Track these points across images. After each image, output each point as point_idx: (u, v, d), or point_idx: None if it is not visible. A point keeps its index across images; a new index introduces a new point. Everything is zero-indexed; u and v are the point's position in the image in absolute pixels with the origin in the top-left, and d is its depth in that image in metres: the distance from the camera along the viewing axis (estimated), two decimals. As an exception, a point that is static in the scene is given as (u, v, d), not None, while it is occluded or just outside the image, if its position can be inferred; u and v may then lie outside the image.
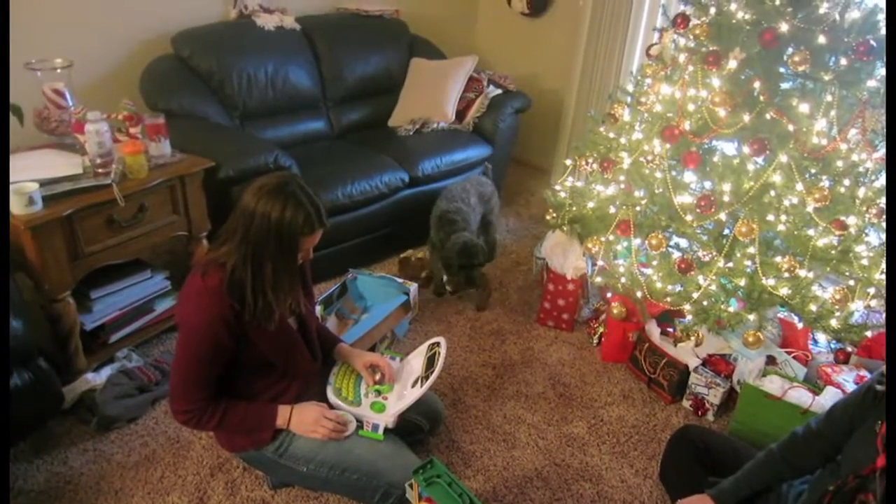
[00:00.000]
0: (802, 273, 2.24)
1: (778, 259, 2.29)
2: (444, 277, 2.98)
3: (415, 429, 2.12)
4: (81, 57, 2.68)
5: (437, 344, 2.02)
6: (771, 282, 2.27)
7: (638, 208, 2.58)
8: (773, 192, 2.28)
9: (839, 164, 2.23)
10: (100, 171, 2.27)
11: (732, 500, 1.74)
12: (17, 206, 2.03)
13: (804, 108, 2.17)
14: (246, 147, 2.84)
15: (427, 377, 1.92)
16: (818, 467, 1.67)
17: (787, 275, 2.24)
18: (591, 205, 2.79)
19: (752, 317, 2.34)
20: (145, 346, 2.62)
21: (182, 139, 2.60)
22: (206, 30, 3.35)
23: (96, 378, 2.30)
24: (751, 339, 2.32)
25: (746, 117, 2.22)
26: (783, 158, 2.19)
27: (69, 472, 2.08)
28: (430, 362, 1.97)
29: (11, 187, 2.05)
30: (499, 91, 3.90)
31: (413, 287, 2.82)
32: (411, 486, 1.80)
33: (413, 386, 1.95)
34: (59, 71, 2.50)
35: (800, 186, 2.19)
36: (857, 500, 1.45)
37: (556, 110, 4.30)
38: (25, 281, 2.20)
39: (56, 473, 2.07)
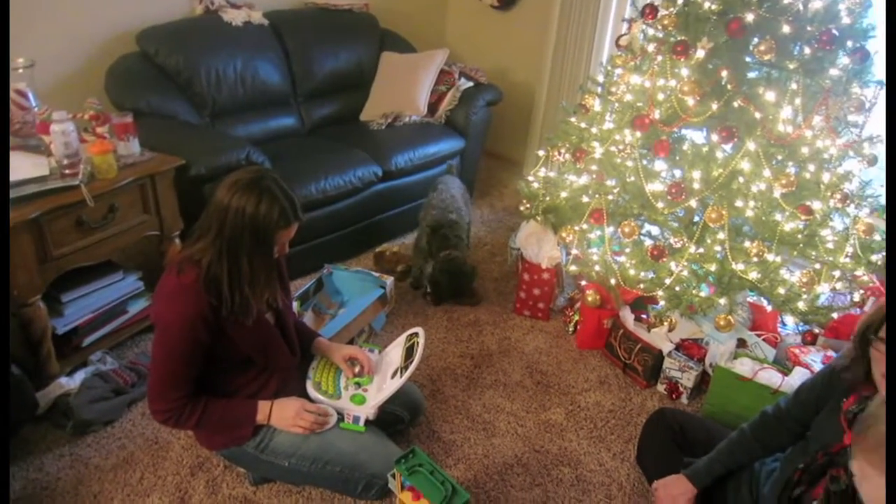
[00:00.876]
0: (770, 257, 2.29)
1: (747, 244, 2.34)
2: (427, 287, 3.03)
3: (395, 420, 2.13)
4: (44, 56, 2.62)
5: (416, 334, 2.03)
6: (740, 266, 2.32)
7: (610, 197, 2.61)
8: (741, 179, 2.33)
9: (804, 150, 2.28)
10: (67, 171, 2.23)
11: (707, 478, 1.79)
12: (-18, 209, 1.99)
13: (770, 96, 2.22)
14: (217, 144, 2.82)
15: (406, 367, 1.93)
16: (788, 445, 1.72)
17: (755, 259, 2.29)
18: (564, 195, 2.82)
19: (722, 301, 2.39)
20: (119, 349, 2.58)
21: (151, 138, 2.57)
22: (172, 26, 3.29)
23: (70, 382, 2.27)
24: (722, 323, 2.37)
25: (714, 106, 2.26)
26: (751, 146, 2.24)
27: (45, 478, 2.05)
28: (409, 353, 1.98)
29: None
30: (470, 84, 3.91)
31: (389, 281, 2.83)
32: (394, 476, 1.82)
33: (392, 377, 1.96)
34: (20, 71, 2.44)
35: (767, 173, 2.24)
36: (829, 475, 1.49)
37: (527, 102, 4.32)
38: (-6, 285, 2.16)
39: (32, 480, 2.04)
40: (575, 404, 2.49)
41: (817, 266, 2.43)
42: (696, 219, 2.51)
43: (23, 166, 2.26)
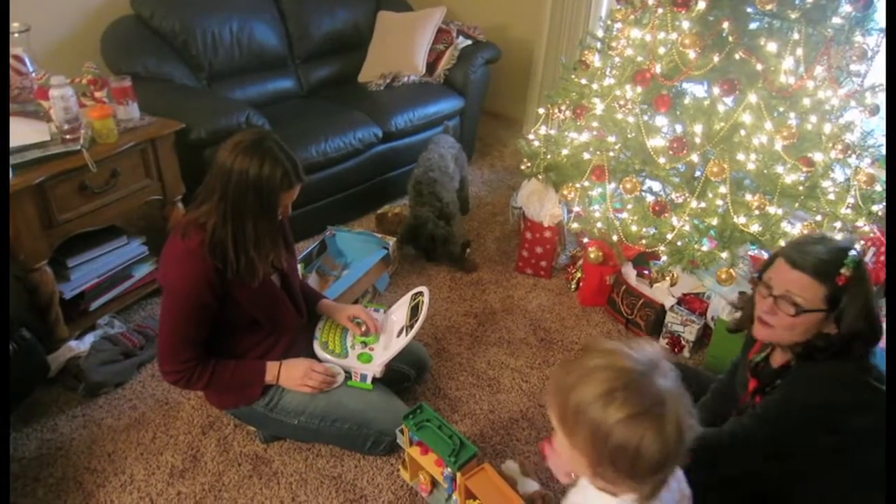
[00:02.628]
0: (772, 210, 2.30)
1: (748, 197, 2.35)
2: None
3: (401, 378, 2.16)
4: (38, 20, 2.59)
5: (420, 293, 2.05)
6: (742, 220, 2.33)
7: (611, 153, 2.61)
8: (742, 132, 2.32)
9: (806, 101, 2.27)
10: (68, 137, 2.22)
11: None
12: (-16, 176, 1.99)
13: (772, 47, 2.20)
14: (216, 107, 2.80)
15: (412, 326, 1.95)
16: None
17: (757, 212, 2.30)
18: (565, 152, 2.81)
19: (724, 255, 2.40)
20: (126, 313, 2.61)
21: (150, 102, 2.56)
22: (167, -12, 3.25)
23: (80, 346, 2.30)
24: (724, 277, 2.39)
25: (716, 58, 2.23)
26: (752, 98, 2.22)
27: (60, 438, 2.10)
28: (414, 311, 2.00)
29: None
30: (468, 42, 3.87)
31: (392, 241, 2.84)
32: (402, 431, 1.86)
33: (398, 335, 1.98)
34: (16, 35, 2.41)
35: (768, 125, 2.23)
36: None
37: (525, 60, 4.27)
38: None
39: (47, 440, 2.09)
40: (578, 360, 2.52)
41: (818, 218, 2.43)
42: (698, 173, 2.51)
43: (23, 132, 2.25)
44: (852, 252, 1.36)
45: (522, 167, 3.05)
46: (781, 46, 2.19)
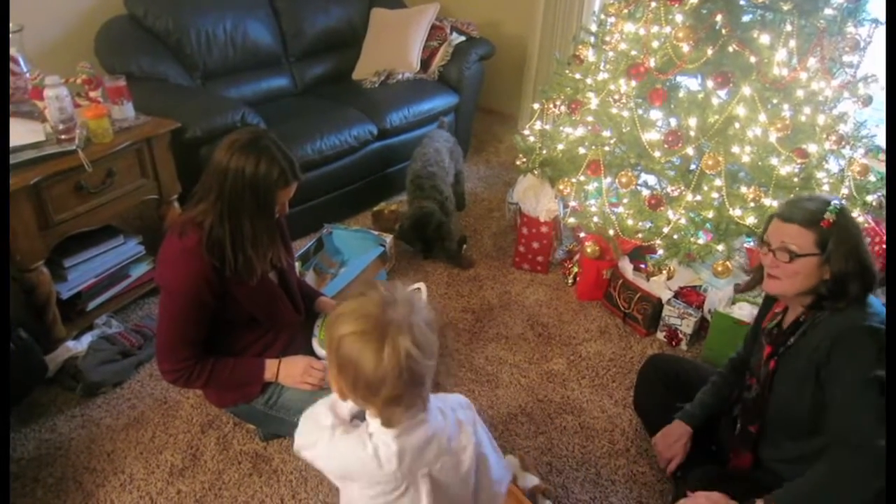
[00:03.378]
0: (767, 202, 2.31)
1: (743, 190, 2.36)
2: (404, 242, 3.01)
3: None
4: (32, 20, 2.58)
5: (418, 289, 2.05)
6: (737, 212, 2.34)
7: (607, 148, 2.61)
8: (737, 125, 2.33)
9: (799, 93, 2.28)
10: (63, 137, 2.22)
11: (700, 418, 1.87)
12: (-21, 177, 1.99)
13: (765, 39, 2.21)
14: (211, 106, 2.80)
15: None
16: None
17: (752, 204, 2.31)
18: (560, 147, 2.82)
19: (720, 247, 2.42)
20: (124, 312, 2.61)
21: (144, 102, 2.56)
22: (159, -14, 3.24)
23: (77, 346, 2.30)
24: (720, 269, 2.40)
25: (710, 51, 2.24)
26: (746, 90, 2.23)
27: (58, 438, 2.10)
28: None
29: (-28, 157, 2.00)
30: (462, 38, 3.87)
31: (389, 239, 2.84)
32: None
33: None
34: (10, 36, 2.41)
35: (763, 117, 2.24)
36: (744, 385, 1.75)
37: (519, 55, 4.28)
38: (-4, 253, 2.17)
39: (45, 440, 2.09)
40: (576, 354, 2.53)
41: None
42: (693, 167, 2.52)
43: (18, 132, 2.24)
44: (835, 201, 1.51)
45: (518, 163, 3.05)
46: (774, 38, 2.20)
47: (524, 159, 3.02)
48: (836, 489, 1.42)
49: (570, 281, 2.93)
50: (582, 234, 2.85)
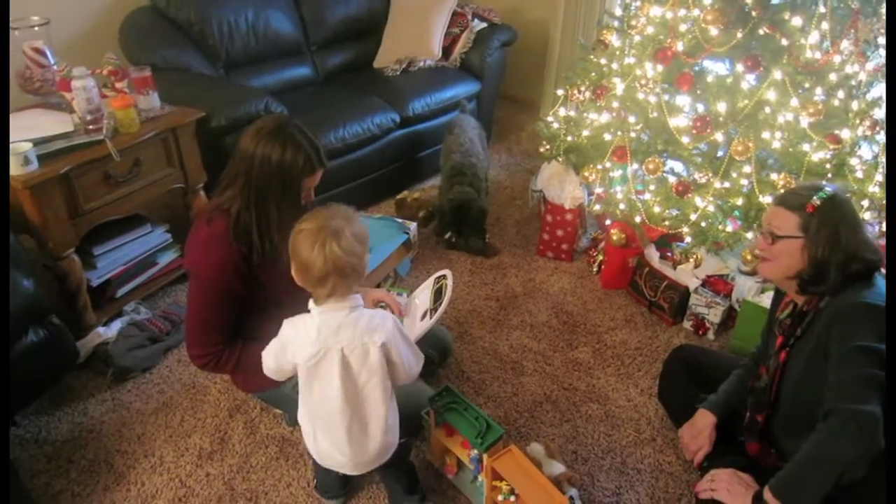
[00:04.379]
0: (800, 188, 2.26)
1: (773, 176, 2.32)
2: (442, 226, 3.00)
3: (426, 361, 2.16)
4: (58, 13, 2.60)
5: (444, 276, 2.05)
6: (767, 199, 2.30)
7: (633, 134, 2.59)
8: (767, 110, 2.29)
9: (832, 76, 2.23)
10: (91, 127, 2.24)
11: (725, 407, 1.86)
12: (13, 167, 2.01)
13: (797, 21, 2.17)
14: (235, 95, 2.81)
15: (436, 309, 1.96)
16: None
17: (782, 192, 2.27)
18: (585, 133, 2.79)
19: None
20: (152, 299, 2.64)
21: (169, 92, 2.57)
22: (182, -23, 3.25)
23: (107, 332, 2.34)
24: (749, 258, 2.36)
25: (739, 34, 2.21)
26: (777, 74, 2.19)
27: (90, 421, 2.14)
28: (438, 295, 2.00)
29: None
30: (484, 25, 3.85)
31: (413, 226, 2.84)
32: (428, 414, 1.86)
33: (422, 319, 1.98)
34: (36, 29, 2.43)
35: (794, 102, 2.20)
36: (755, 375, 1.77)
37: (542, 42, 4.24)
38: (29, 242, 2.20)
39: (78, 423, 2.13)
40: (601, 343, 2.51)
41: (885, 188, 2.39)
42: (721, 153, 2.48)
43: (47, 123, 2.28)
44: (828, 188, 1.53)
45: (541, 150, 3.03)
46: (807, 20, 2.16)
47: (548, 146, 2.99)
48: (818, 460, 1.43)
49: (594, 269, 2.91)
50: (607, 222, 2.82)
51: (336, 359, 1.47)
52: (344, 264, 1.40)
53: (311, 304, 1.50)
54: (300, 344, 1.50)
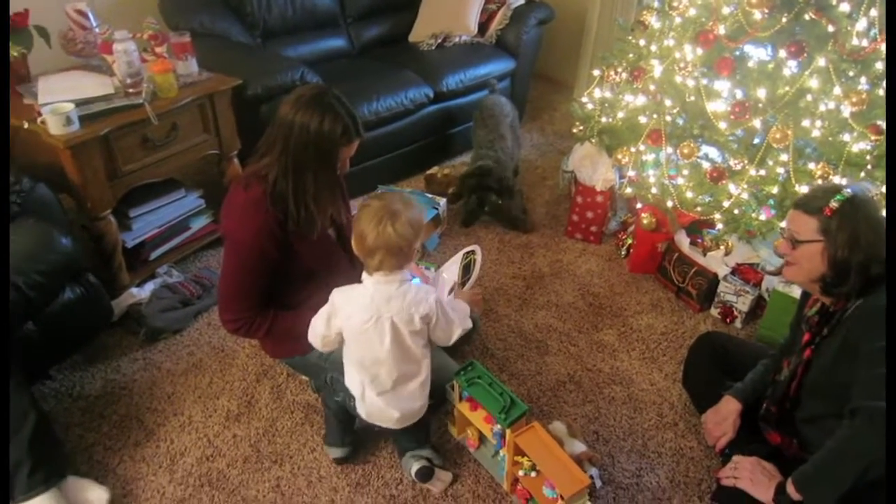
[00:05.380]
0: (836, 179, 2.23)
1: (811, 166, 2.28)
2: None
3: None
4: (99, -25, 2.63)
5: (472, 252, 2.05)
6: (804, 188, 2.26)
7: (668, 117, 2.56)
8: (808, 97, 2.25)
9: (878, 65, 2.18)
10: (130, 90, 2.28)
11: (751, 395, 1.85)
12: (55, 127, 2.05)
13: (844, 7, 2.12)
14: (272, 65, 2.82)
15: (464, 284, 1.97)
16: None
17: (820, 181, 2.23)
18: (620, 115, 2.77)
19: (783, 224, 2.35)
20: (183, 263, 2.69)
21: (207, 58, 2.59)
22: (223, -56, 3.26)
23: (141, 293, 2.39)
24: (779, 247, 2.33)
25: (784, 19, 2.16)
26: (821, 62, 2.15)
27: (123, 378, 2.20)
28: (466, 269, 2.01)
29: (48, 108, 2.07)
30: (521, 2, 3.80)
31: (442, 202, 2.85)
32: (452, 387, 1.88)
33: (450, 293, 2.00)
34: (72, -6, 2.46)
35: (837, 90, 2.16)
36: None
37: (578, 21, 4.18)
38: (68, 202, 2.25)
39: (111, 380, 2.19)
40: (627, 326, 2.51)
41: (884, 189, 2.36)
42: (757, 140, 2.44)
43: (88, 85, 2.31)
44: (847, 190, 1.51)
45: (575, 130, 3.01)
46: (854, 6, 2.11)
47: (581, 127, 2.97)
48: (843, 456, 1.43)
49: (622, 252, 2.90)
50: (638, 206, 2.80)
51: (387, 326, 1.60)
52: (394, 244, 1.52)
53: (364, 275, 1.63)
54: (352, 311, 1.62)
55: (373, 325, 1.60)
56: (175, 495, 1.84)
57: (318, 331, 1.68)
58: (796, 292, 2.31)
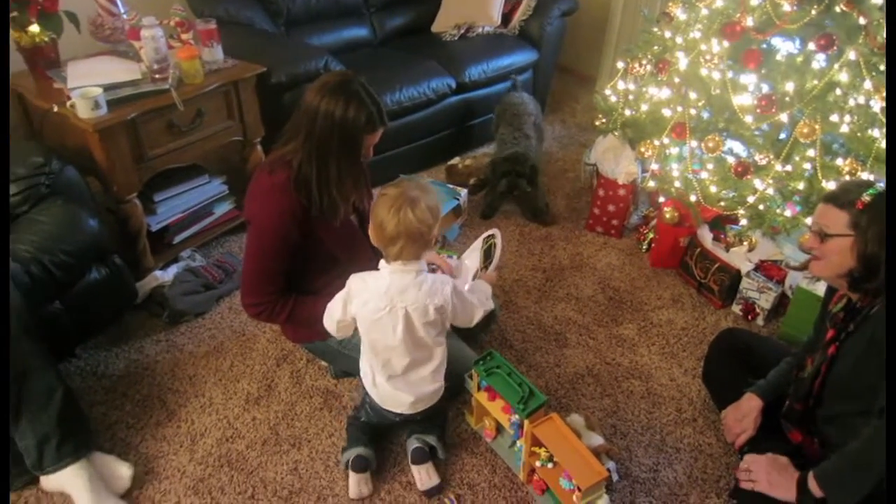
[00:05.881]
0: (864, 175, 2.19)
1: (839, 162, 2.25)
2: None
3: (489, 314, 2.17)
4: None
5: (492, 236, 2.05)
6: (831, 185, 2.23)
7: (693, 111, 2.53)
8: (838, 91, 2.21)
9: (911, 59, 2.14)
10: (157, 76, 2.30)
11: (773, 393, 1.83)
12: (83, 111, 2.09)
13: (877, -1, 2.08)
14: (296, 53, 2.83)
15: (486, 268, 1.97)
16: None
17: (847, 178, 2.20)
18: (644, 108, 2.74)
19: (808, 220, 2.32)
20: (206, 248, 2.72)
21: (232, 45, 2.61)
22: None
23: (164, 276, 2.42)
24: (807, 241, 2.30)
25: (814, 11, 2.13)
26: (851, 55, 2.11)
27: (146, 359, 2.23)
28: (487, 255, 2.01)
29: (77, 92, 2.10)
30: (545, -8, 3.78)
31: (463, 192, 2.85)
32: (470, 376, 1.89)
33: (473, 280, 2.00)
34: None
35: (868, 84, 2.12)
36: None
37: (602, 13, 4.15)
38: (95, 185, 2.28)
39: (134, 360, 2.22)
40: (647, 321, 2.50)
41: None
42: (783, 135, 2.41)
43: (116, 70, 2.34)
44: (879, 184, 1.49)
45: (597, 123, 2.99)
46: (887, -1, 2.07)
47: (604, 120, 2.95)
48: (868, 456, 1.41)
49: (644, 247, 2.88)
50: (661, 199, 2.78)
51: (401, 315, 1.61)
52: (414, 229, 1.53)
53: (381, 263, 1.64)
54: (367, 298, 1.62)
55: (386, 314, 1.61)
56: (195, 474, 1.87)
57: (335, 315, 1.69)
58: (821, 290, 2.28)
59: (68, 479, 1.70)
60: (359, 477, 1.82)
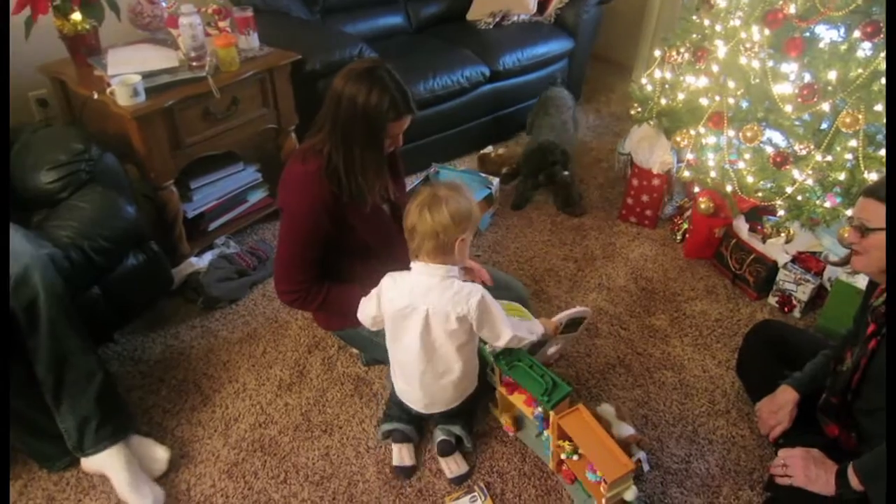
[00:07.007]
0: (909, 167, 2.13)
1: (881, 152, 2.18)
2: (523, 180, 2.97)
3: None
4: (166, -50, 2.68)
5: (584, 316, 1.99)
6: (873, 176, 2.17)
7: (731, 100, 2.48)
8: (883, 81, 2.14)
9: (961, 47, 2.06)
10: (194, 64, 2.33)
11: (810, 386, 1.79)
12: (122, 98, 2.12)
13: (927, -15, 2.00)
14: (331, 41, 2.84)
15: (562, 331, 1.93)
16: None
17: (872, 182, 2.13)
18: (680, 97, 2.70)
19: (849, 213, 2.26)
20: (240, 235, 2.76)
21: (267, 33, 2.62)
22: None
23: (199, 262, 2.46)
24: (847, 236, 2.24)
25: (860, -2, 2.06)
26: (898, 43, 2.04)
27: (181, 344, 2.28)
28: (571, 324, 1.95)
29: (117, 79, 2.14)
30: (582, -20, 3.73)
31: (496, 182, 2.83)
32: (493, 370, 1.88)
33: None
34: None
35: (915, 73, 2.05)
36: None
37: (639, 1, 4.08)
38: (133, 171, 2.33)
39: (170, 346, 2.27)
40: (680, 312, 2.47)
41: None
42: (824, 125, 2.35)
43: (154, 58, 2.37)
44: None
45: (632, 112, 2.95)
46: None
47: (640, 109, 2.91)
48: None
49: (678, 237, 2.84)
50: (696, 190, 2.74)
51: (420, 317, 1.60)
52: (429, 229, 1.54)
53: (412, 262, 1.64)
54: (393, 296, 1.64)
55: (407, 314, 1.62)
56: (229, 458, 1.91)
57: (369, 312, 1.72)
58: (861, 283, 2.23)
59: (107, 461, 1.75)
60: (399, 446, 1.90)
